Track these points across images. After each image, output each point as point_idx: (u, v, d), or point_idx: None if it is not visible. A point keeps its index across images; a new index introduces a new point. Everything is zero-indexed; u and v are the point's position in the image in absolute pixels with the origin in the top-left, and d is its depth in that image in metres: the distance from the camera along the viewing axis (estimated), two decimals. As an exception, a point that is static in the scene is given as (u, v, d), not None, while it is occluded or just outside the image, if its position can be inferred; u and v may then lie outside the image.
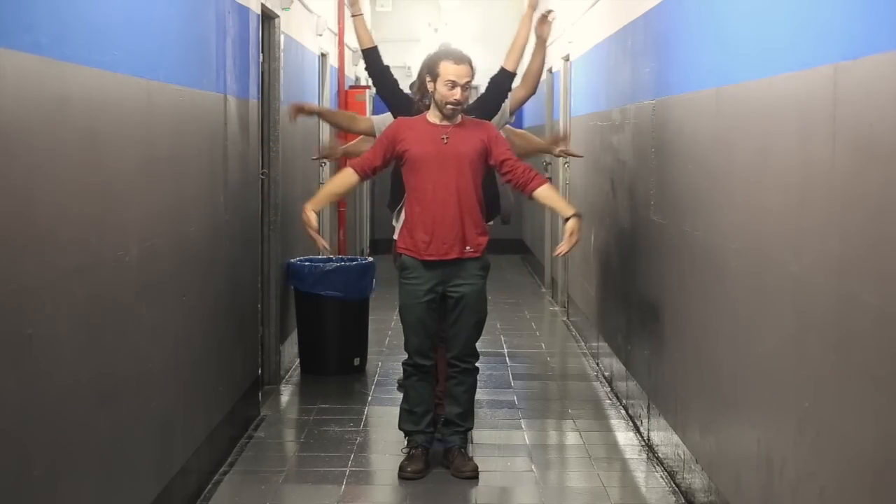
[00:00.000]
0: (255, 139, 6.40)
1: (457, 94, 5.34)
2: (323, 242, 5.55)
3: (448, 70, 5.35)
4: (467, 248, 5.41)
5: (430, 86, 5.48)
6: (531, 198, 5.48)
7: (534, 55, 6.30)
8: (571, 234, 5.27)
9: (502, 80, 6.10)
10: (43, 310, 3.13)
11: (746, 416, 4.05)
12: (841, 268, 3.12)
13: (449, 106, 5.36)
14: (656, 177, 5.70)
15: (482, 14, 15.38)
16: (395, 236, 5.93)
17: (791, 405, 3.52)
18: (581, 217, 5.35)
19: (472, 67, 5.41)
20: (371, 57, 6.18)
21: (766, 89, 3.82)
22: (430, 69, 5.49)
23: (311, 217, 5.44)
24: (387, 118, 6.14)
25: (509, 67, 6.09)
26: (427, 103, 5.70)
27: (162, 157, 4.37)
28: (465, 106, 5.42)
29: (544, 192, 5.43)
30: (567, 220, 5.30)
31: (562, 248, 5.32)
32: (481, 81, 6.04)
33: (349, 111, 7.61)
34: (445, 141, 5.38)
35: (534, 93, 6.54)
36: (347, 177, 5.61)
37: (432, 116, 5.45)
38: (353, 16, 6.24)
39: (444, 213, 5.37)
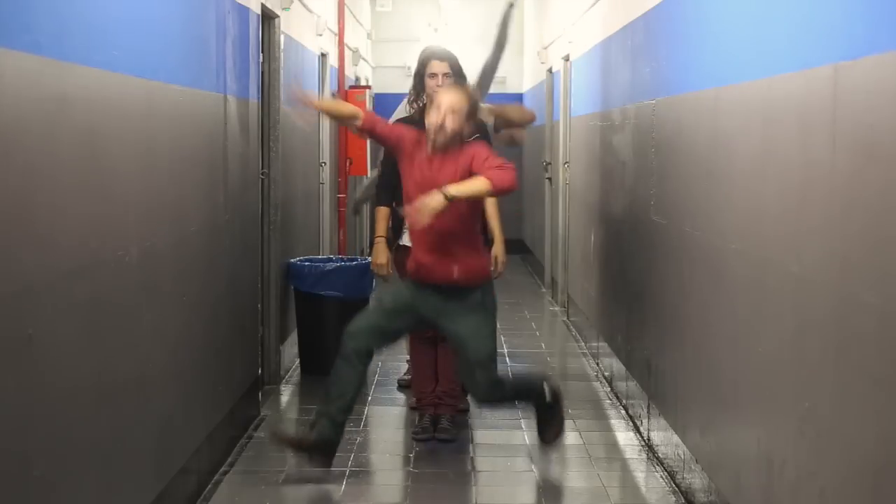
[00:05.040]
0: (255, 139, 6.40)
1: (446, 119, 5.14)
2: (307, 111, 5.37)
3: (437, 99, 5.25)
4: (455, 274, 5.22)
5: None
6: None
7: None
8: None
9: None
10: (43, 310, 3.13)
11: (746, 416, 4.05)
12: (841, 268, 3.12)
13: (435, 135, 5.17)
14: (656, 177, 5.70)
15: (482, 14, 15.38)
16: (402, 241, 6.04)
17: (791, 405, 3.52)
18: (447, 197, 4.86)
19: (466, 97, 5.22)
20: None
21: (766, 89, 3.82)
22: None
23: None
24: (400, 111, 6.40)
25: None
26: (422, 104, 5.84)
27: (162, 157, 4.37)
28: (454, 135, 5.16)
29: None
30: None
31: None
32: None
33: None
34: (430, 166, 5.18)
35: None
36: (352, 109, 5.43)
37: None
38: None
39: (430, 239, 5.19)
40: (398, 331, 5.48)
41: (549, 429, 5.57)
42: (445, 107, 5.17)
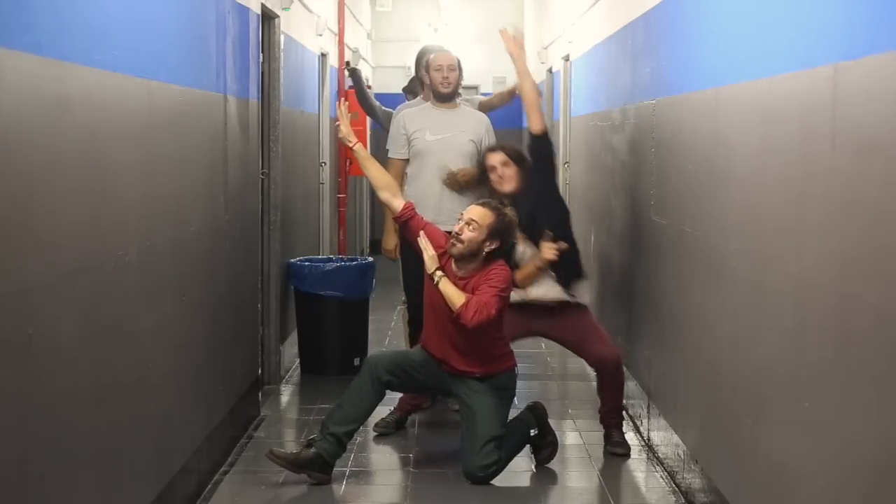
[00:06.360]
0: (255, 139, 6.40)
1: (463, 231, 5.20)
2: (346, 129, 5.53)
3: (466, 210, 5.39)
4: (461, 367, 5.36)
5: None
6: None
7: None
8: None
9: (536, 146, 5.81)
10: (43, 310, 3.13)
11: (746, 417, 4.05)
12: (841, 268, 3.12)
13: (451, 245, 5.24)
14: (656, 177, 5.70)
15: (482, 14, 15.38)
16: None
17: (791, 405, 3.52)
18: (435, 277, 5.23)
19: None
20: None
21: (766, 89, 3.82)
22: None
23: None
24: (396, 117, 6.39)
25: (535, 130, 5.78)
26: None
27: (162, 157, 4.37)
28: (470, 247, 5.21)
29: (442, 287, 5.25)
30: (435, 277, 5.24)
31: None
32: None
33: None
34: (436, 281, 5.23)
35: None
36: (393, 189, 5.60)
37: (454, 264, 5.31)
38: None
39: (441, 341, 5.34)
40: (415, 379, 5.45)
41: (543, 451, 5.59)
42: (467, 217, 5.24)
